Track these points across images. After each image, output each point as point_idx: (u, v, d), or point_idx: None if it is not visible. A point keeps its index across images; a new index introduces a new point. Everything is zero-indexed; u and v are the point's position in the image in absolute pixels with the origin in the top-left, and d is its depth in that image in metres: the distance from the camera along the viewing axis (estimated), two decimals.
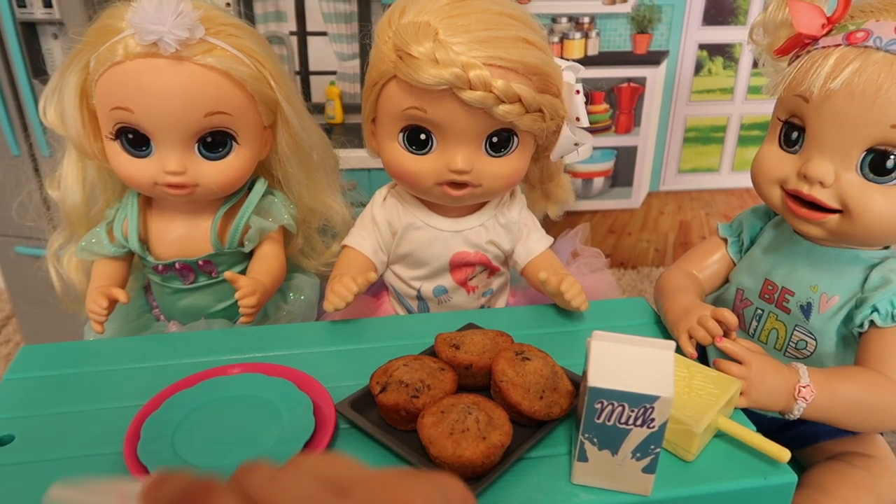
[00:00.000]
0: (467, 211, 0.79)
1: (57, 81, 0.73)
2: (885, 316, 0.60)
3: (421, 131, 0.70)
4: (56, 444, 0.54)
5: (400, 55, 0.65)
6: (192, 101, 0.69)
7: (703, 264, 0.77)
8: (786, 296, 0.68)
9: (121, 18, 0.68)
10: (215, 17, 0.71)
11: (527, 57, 0.66)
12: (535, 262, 0.81)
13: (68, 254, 0.82)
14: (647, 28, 1.67)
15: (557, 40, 1.66)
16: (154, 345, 0.68)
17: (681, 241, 1.97)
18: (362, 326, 0.72)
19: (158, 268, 0.80)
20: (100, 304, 0.72)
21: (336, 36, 1.60)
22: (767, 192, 0.66)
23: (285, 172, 0.82)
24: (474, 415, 0.50)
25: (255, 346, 0.67)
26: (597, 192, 1.87)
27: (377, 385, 0.55)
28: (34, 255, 1.31)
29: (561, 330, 0.72)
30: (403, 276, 0.82)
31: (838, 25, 0.60)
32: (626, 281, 1.90)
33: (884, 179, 0.58)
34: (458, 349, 0.59)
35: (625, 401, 0.46)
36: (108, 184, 0.81)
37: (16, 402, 0.60)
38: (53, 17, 1.16)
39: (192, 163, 0.73)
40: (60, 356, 0.66)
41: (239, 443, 0.53)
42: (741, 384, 0.57)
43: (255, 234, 0.80)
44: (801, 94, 0.60)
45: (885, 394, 0.59)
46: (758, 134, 1.84)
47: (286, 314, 0.86)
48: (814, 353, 0.67)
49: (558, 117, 0.72)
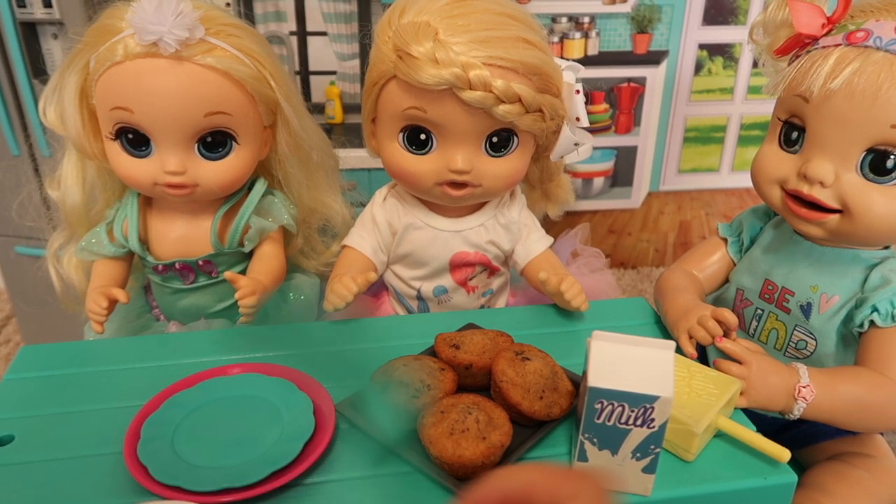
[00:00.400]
0: (467, 211, 0.79)
1: (57, 81, 0.73)
2: (885, 316, 0.60)
3: (421, 131, 0.70)
4: (56, 444, 0.54)
5: (400, 55, 0.65)
6: (192, 101, 0.69)
7: (703, 264, 0.77)
8: (786, 296, 0.68)
9: (121, 18, 0.68)
10: (215, 17, 0.71)
11: (527, 57, 0.66)
12: (535, 262, 0.81)
13: (68, 254, 0.82)
14: (647, 28, 1.67)
15: (557, 40, 1.66)
16: (154, 345, 0.68)
17: (681, 241, 1.97)
18: (362, 326, 0.72)
19: (158, 268, 0.80)
20: (100, 304, 0.72)
21: (336, 36, 1.60)
22: (767, 192, 0.66)
23: (285, 172, 0.82)
24: (474, 415, 0.50)
25: (255, 346, 0.67)
26: (597, 192, 1.87)
27: None
28: (34, 255, 1.31)
29: (561, 330, 0.72)
30: (403, 276, 0.82)
31: (838, 25, 0.60)
32: (626, 281, 1.90)
33: (884, 179, 0.58)
34: (458, 349, 0.59)
35: (625, 401, 0.46)
36: (108, 184, 0.81)
37: (16, 402, 0.60)
38: (53, 17, 1.16)
39: (192, 163, 0.72)
40: (60, 356, 0.66)
41: (239, 443, 0.53)
42: (741, 384, 0.57)
43: (255, 234, 0.80)
44: (801, 94, 0.60)
45: (885, 394, 0.59)
46: (758, 134, 1.84)
47: (286, 314, 0.86)
48: (814, 353, 0.67)
49: (558, 117, 0.72)
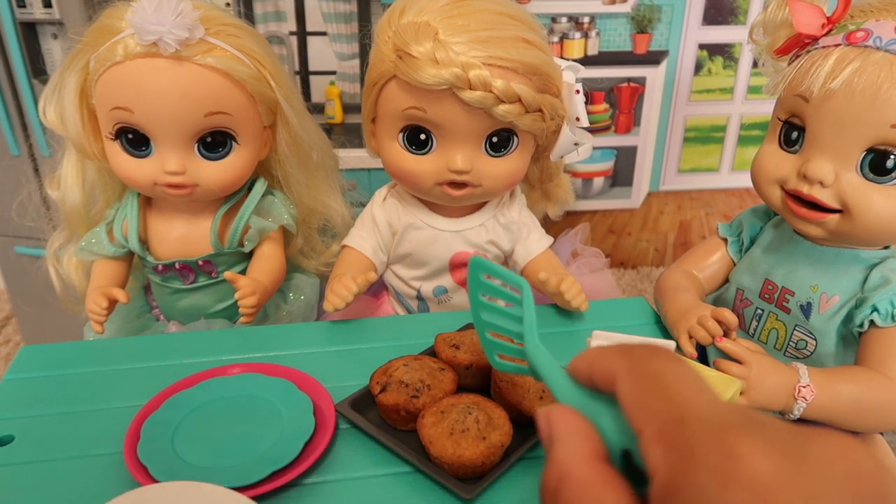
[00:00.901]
0: (467, 211, 0.79)
1: (56, 81, 0.73)
2: (885, 316, 0.60)
3: (421, 131, 0.70)
4: (56, 444, 0.54)
5: (400, 55, 0.65)
6: (192, 102, 0.69)
7: (703, 264, 0.77)
8: (786, 296, 0.68)
9: (120, 18, 0.68)
10: (215, 17, 0.71)
11: (527, 57, 0.66)
12: (534, 262, 0.81)
13: (68, 254, 0.82)
14: (647, 28, 1.67)
15: (557, 40, 1.66)
16: (154, 345, 0.68)
17: (681, 241, 1.97)
18: (362, 326, 0.72)
19: (158, 268, 0.80)
20: (99, 305, 0.72)
21: (336, 36, 1.60)
22: (767, 191, 0.66)
23: (285, 172, 0.82)
24: (474, 415, 0.50)
25: (255, 346, 0.67)
26: (597, 192, 1.87)
27: (377, 385, 0.55)
28: (34, 255, 1.31)
29: (561, 330, 0.72)
30: (403, 276, 0.82)
31: (838, 25, 0.60)
32: (626, 281, 1.90)
33: (884, 179, 0.58)
34: (458, 349, 0.59)
35: None
36: (108, 184, 0.81)
37: (16, 402, 0.60)
38: (53, 17, 1.16)
39: (192, 163, 0.73)
40: (60, 356, 0.66)
41: (239, 443, 0.53)
42: (741, 384, 0.57)
43: (254, 234, 0.80)
44: (801, 94, 0.60)
45: (885, 394, 0.59)
46: (758, 134, 1.84)
47: (286, 314, 0.86)
48: (814, 352, 0.67)
49: (558, 117, 0.72)
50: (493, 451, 0.48)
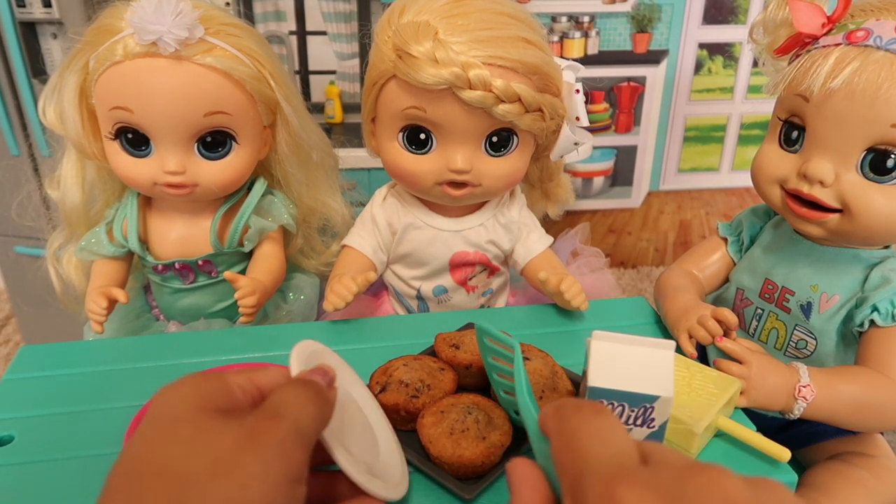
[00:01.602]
0: (467, 210, 0.79)
1: (56, 81, 0.73)
2: (885, 315, 0.60)
3: (421, 131, 0.70)
4: (56, 444, 0.54)
5: (399, 55, 0.65)
6: (192, 101, 0.69)
7: (703, 264, 0.77)
8: (786, 295, 0.68)
9: (120, 18, 0.68)
10: (215, 16, 0.71)
11: (526, 56, 0.66)
12: (534, 262, 0.81)
13: (68, 254, 0.82)
14: (647, 27, 1.67)
15: (557, 39, 1.66)
16: (154, 345, 0.68)
17: (681, 241, 1.97)
18: (362, 326, 0.72)
19: (158, 268, 0.80)
20: (99, 305, 0.72)
21: (335, 35, 1.60)
22: (767, 191, 0.66)
23: (285, 172, 0.82)
24: (474, 415, 0.50)
25: (255, 346, 0.67)
26: (597, 191, 1.87)
27: (377, 385, 0.55)
28: (34, 255, 1.31)
29: (561, 330, 0.72)
30: (403, 275, 0.82)
31: (838, 24, 0.60)
32: (626, 281, 1.90)
33: (884, 179, 0.58)
34: (458, 349, 0.59)
35: (625, 400, 0.46)
36: (108, 184, 0.81)
37: (16, 402, 0.60)
38: (53, 16, 1.16)
39: (192, 163, 0.72)
40: (60, 356, 0.66)
41: None
42: (741, 384, 0.56)
43: (254, 234, 0.80)
44: (801, 94, 0.60)
45: (886, 393, 0.59)
46: (758, 133, 1.84)
47: (286, 314, 0.86)
48: (814, 352, 0.67)
49: (558, 117, 0.72)
50: (493, 451, 0.48)
